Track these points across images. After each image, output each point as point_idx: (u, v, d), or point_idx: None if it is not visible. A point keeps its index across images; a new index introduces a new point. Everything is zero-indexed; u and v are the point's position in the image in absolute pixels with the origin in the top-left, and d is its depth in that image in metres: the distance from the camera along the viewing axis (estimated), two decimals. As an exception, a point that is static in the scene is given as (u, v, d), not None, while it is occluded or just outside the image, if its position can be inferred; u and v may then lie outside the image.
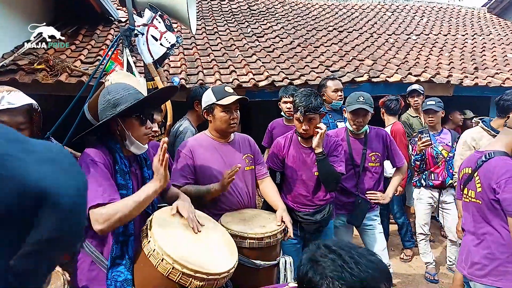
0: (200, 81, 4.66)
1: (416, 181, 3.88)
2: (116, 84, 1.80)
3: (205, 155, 2.26)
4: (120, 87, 1.73)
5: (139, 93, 1.74)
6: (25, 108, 1.44)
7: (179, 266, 1.42)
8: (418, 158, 3.70)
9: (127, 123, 1.69)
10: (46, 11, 6.10)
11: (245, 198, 2.31)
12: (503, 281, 2.00)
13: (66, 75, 4.35)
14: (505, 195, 1.92)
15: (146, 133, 1.74)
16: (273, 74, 5.15)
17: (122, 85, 1.76)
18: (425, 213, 3.84)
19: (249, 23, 7.86)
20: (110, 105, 1.68)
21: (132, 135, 1.70)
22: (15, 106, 1.39)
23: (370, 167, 2.93)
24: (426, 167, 3.74)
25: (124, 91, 1.70)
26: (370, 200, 2.90)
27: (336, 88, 3.57)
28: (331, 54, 6.31)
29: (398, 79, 5.21)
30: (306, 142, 2.60)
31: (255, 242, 1.98)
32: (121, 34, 2.77)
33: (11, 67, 4.31)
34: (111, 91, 1.71)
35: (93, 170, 1.58)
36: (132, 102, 1.65)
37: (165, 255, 1.44)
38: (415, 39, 7.81)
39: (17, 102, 1.40)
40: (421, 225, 3.87)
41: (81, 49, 5.36)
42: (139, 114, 1.70)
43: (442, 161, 3.67)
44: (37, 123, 1.53)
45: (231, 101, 2.17)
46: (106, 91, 1.74)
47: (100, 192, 1.52)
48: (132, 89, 1.74)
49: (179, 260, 1.42)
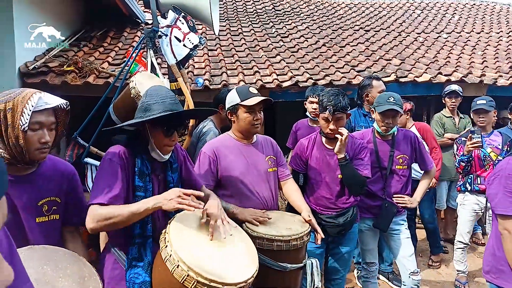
0: (224, 82, 4.66)
1: (460, 185, 3.63)
2: (158, 88, 1.75)
3: (228, 156, 2.24)
4: (159, 93, 1.70)
5: (174, 104, 1.69)
6: (54, 108, 1.48)
7: (194, 274, 1.38)
8: (464, 159, 3.43)
9: (153, 130, 1.68)
10: (76, 15, 6.29)
11: (268, 200, 2.27)
12: (499, 280, 2.01)
13: (94, 76, 4.47)
14: (490, 191, 2.00)
15: (167, 144, 1.71)
16: (297, 74, 5.10)
17: (162, 92, 1.72)
18: (469, 220, 3.58)
19: (273, 23, 7.83)
20: (142, 108, 1.68)
21: (154, 143, 1.70)
22: (51, 106, 1.44)
23: (397, 169, 2.82)
24: (471, 169, 3.50)
25: (159, 98, 1.67)
26: (397, 204, 2.79)
27: (381, 89, 3.43)
28: (357, 53, 6.19)
29: (427, 79, 5.03)
30: (330, 143, 2.53)
31: (282, 245, 1.94)
32: (145, 36, 2.80)
33: (42, 69, 4.46)
34: (149, 95, 1.70)
35: (107, 169, 1.59)
36: (161, 112, 1.62)
37: (180, 261, 1.41)
38: (446, 37, 7.54)
39: (53, 102, 1.44)
40: (464, 233, 3.61)
41: (109, 51, 5.48)
42: (164, 125, 1.67)
43: (489, 164, 3.43)
44: (62, 122, 1.55)
45: (255, 102, 2.15)
46: (147, 92, 1.74)
47: (104, 192, 1.53)
48: (169, 98, 1.69)
49: (194, 268, 1.39)
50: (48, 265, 1.40)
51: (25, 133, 1.38)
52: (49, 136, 1.46)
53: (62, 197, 1.61)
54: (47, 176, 1.57)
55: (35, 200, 1.52)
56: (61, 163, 1.70)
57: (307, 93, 3.72)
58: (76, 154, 3.00)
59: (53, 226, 1.59)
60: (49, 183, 1.57)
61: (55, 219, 1.59)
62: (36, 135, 1.42)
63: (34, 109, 1.38)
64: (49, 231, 1.56)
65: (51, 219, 1.57)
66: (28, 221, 1.49)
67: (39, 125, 1.42)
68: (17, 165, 1.46)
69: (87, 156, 2.87)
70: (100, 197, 1.51)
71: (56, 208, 1.59)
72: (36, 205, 1.52)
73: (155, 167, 1.75)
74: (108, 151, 1.68)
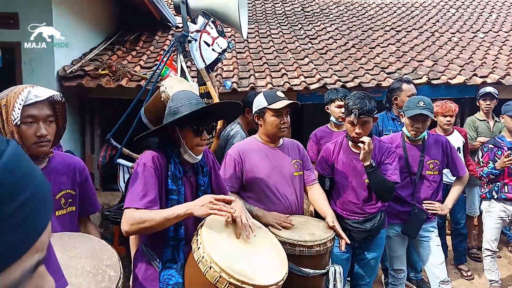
0: (252, 85, 4.70)
1: (486, 192, 3.51)
2: (183, 92, 1.82)
3: (254, 159, 2.26)
4: (184, 96, 1.75)
5: (199, 103, 1.74)
6: (49, 100, 1.47)
7: (226, 276, 1.41)
8: (496, 173, 3.32)
9: (183, 132, 1.73)
10: (111, 20, 6.54)
11: (293, 204, 2.28)
12: None
13: (126, 79, 4.63)
14: None
15: (199, 144, 1.75)
16: (325, 76, 5.06)
17: (187, 94, 1.77)
18: (495, 227, 3.48)
19: (302, 24, 7.80)
20: (171, 112, 1.73)
21: (186, 144, 1.74)
22: (42, 98, 1.42)
23: (427, 175, 2.75)
24: (499, 178, 3.39)
25: (185, 101, 1.72)
26: (427, 210, 2.72)
27: (412, 93, 3.31)
28: (387, 55, 6.07)
29: (461, 81, 4.86)
30: (357, 147, 2.51)
31: (304, 250, 1.94)
32: (175, 40, 2.88)
33: (78, 72, 4.67)
34: (175, 99, 1.76)
35: (141, 173, 1.65)
36: (188, 112, 1.68)
37: (213, 263, 1.44)
38: (482, 37, 7.25)
39: (43, 94, 1.42)
40: (490, 240, 3.51)
41: (141, 54, 5.66)
42: (193, 125, 1.71)
43: None
44: (61, 115, 1.55)
45: (282, 106, 2.16)
46: (172, 97, 1.80)
47: (140, 197, 1.58)
48: (194, 99, 1.74)
49: (226, 270, 1.42)
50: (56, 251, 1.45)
51: (19, 127, 1.39)
52: (45, 130, 1.44)
53: (76, 189, 1.67)
54: (60, 170, 1.61)
55: (53, 194, 1.55)
56: (70, 157, 1.75)
57: (331, 96, 3.39)
58: (109, 155, 3.13)
59: (71, 218, 1.65)
60: (62, 177, 1.61)
61: (72, 211, 1.65)
62: (31, 129, 1.42)
63: (24, 103, 1.37)
64: (68, 223, 1.62)
65: (68, 211, 1.63)
66: None
67: (32, 118, 1.42)
68: None
69: (119, 157, 2.99)
70: (137, 202, 1.57)
71: (72, 200, 1.65)
72: (54, 199, 1.56)
73: (186, 170, 1.80)
74: (141, 155, 1.74)
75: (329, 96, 3.36)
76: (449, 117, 3.57)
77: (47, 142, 1.48)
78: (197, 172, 1.85)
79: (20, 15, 4.30)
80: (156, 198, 1.63)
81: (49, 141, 1.48)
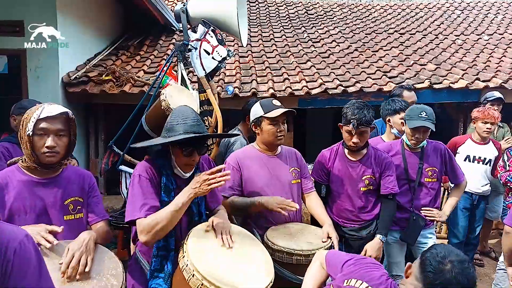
0: (253, 90, 4.73)
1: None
2: (182, 109, 1.84)
3: (252, 167, 2.30)
4: (181, 114, 1.78)
5: (195, 125, 1.76)
6: (63, 117, 1.66)
7: (207, 283, 1.45)
8: None
9: (174, 150, 1.79)
10: (115, 25, 6.62)
11: (291, 212, 2.30)
12: None
13: (130, 85, 4.69)
14: None
15: (187, 163, 1.80)
16: (327, 81, 5.08)
17: (185, 113, 1.80)
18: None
19: (305, 27, 7.81)
20: (167, 128, 1.78)
21: (175, 162, 1.81)
22: (53, 114, 1.61)
23: (426, 182, 2.77)
24: None
25: (181, 119, 1.76)
26: (426, 217, 2.74)
27: (412, 100, 3.30)
28: (390, 58, 6.07)
29: (464, 85, 4.85)
30: (353, 155, 2.53)
31: (301, 259, 1.97)
32: (176, 49, 2.92)
33: (83, 78, 4.74)
34: (173, 115, 1.81)
35: (138, 184, 1.71)
36: (181, 133, 1.71)
37: (195, 270, 1.48)
38: (487, 39, 7.20)
39: (55, 111, 1.62)
40: None
41: (145, 59, 5.72)
42: (183, 146, 1.74)
43: None
44: (73, 131, 1.73)
45: (278, 114, 2.20)
46: (172, 112, 1.86)
47: (139, 206, 1.65)
48: (189, 119, 1.76)
49: (207, 277, 1.45)
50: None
51: (32, 138, 1.58)
52: (54, 142, 1.61)
53: (84, 197, 1.78)
54: (70, 179, 1.75)
55: (61, 199, 1.69)
56: (80, 169, 1.90)
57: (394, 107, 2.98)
58: (111, 162, 3.18)
59: (79, 224, 1.74)
60: (72, 185, 1.74)
61: (80, 218, 1.75)
62: (42, 140, 1.60)
63: (38, 117, 1.57)
64: (76, 229, 1.70)
65: (77, 217, 1.74)
66: (57, 219, 1.65)
67: (43, 131, 1.60)
68: (38, 169, 1.65)
69: (121, 164, 3.04)
70: (138, 213, 1.64)
71: (80, 207, 1.75)
72: (63, 204, 1.69)
73: (179, 183, 1.83)
74: (136, 167, 1.80)
75: (392, 107, 3.00)
76: (489, 124, 3.44)
77: (55, 153, 1.64)
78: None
79: (25, 22, 4.37)
80: (157, 205, 1.69)
81: (57, 153, 1.64)
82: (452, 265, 1.29)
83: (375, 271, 1.49)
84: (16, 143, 2.67)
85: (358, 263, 1.54)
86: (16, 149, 2.70)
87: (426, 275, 1.31)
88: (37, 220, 1.59)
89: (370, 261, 1.56)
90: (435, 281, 1.29)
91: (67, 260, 1.45)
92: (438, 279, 1.28)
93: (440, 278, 1.28)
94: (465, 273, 1.27)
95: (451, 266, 1.28)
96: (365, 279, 1.44)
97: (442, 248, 1.37)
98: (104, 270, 1.52)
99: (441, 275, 1.28)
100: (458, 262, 1.29)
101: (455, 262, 1.29)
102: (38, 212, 1.62)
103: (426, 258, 1.35)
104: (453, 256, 1.31)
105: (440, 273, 1.29)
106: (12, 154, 2.67)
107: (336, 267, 1.60)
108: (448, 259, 1.30)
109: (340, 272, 1.55)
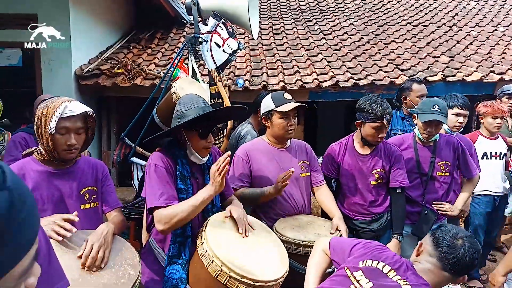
0: (264, 83, 4.72)
1: None
2: (189, 96, 1.89)
3: (261, 160, 2.31)
4: (190, 100, 1.84)
5: (205, 107, 1.82)
6: (83, 114, 1.67)
7: (227, 269, 1.49)
8: None
9: (189, 135, 1.81)
10: (127, 18, 6.65)
11: (299, 204, 2.32)
12: None
13: (141, 78, 4.72)
14: None
15: (205, 146, 1.83)
16: (338, 74, 5.03)
17: (194, 98, 1.85)
18: None
19: (316, 20, 7.74)
20: (177, 116, 1.81)
21: (192, 147, 1.82)
22: (76, 113, 1.62)
23: (438, 176, 2.74)
24: None
25: (191, 104, 1.80)
26: (437, 211, 2.72)
27: (421, 93, 3.26)
28: (402, 51, 5.98)
29: (478, 78, 4.75)
30: (363, 149, 2.52)
31: (309, 250, 1.97)
32: (187, 42, 2.93)
33: (95, 72, 4.79)
34: (181, 103, 1.84)
35: (154, 174, 1.74)
36: (194, 116, 1.74)
37: (215, 257, 1.52)
38: (502, 31, 7.04)
39: (77, 110, 1.63)
40: None
41: (156, 52, 5.74)
42: (198, 128, 1.78)
43: None
44: (91, 127, 1.76)
45: (289, 108, 2.20)
46: (179, 102, 1.88)
47: (158, 195, 1.68)
48: (200, 103, 1.82)
49: (227, 263, 1.49)
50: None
51: (53, 136, 1.59)
52: (75, 140, 1.64)
53: (98, 186, 1.82)
54: (84, 169, 1.79)
55: (77, 189, 1.73)
56: (94, 160, 1.93)
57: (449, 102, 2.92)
58: (123, 154, 3.23)
59: (95, 213, 1.78)
60: (87, 175, 1.78)
61: (96, 207, 1.79)
62: (63, 138, 1.62)
63: (60, 115, 1.58)
64: (92, 217, 1.75)
65: (93, 206, 1.78)
66: (74, 208, 1.68)
67: (65, 130, 1.62)
68: (55, 162, 1.68)
69: (133, 156, 3.08)
70: (157, 201, 1.67)
71: (95, 196, 1.79)
72: (79, 194, 1.73)
73: (193, 170, 1.88)
74: (151, 156, 1.83)
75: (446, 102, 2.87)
76: (499, 119, 3.38)
77: (75, 150, 1.68)
78: (204, 172, 1.92)
79: (39, 15, 4.42)
80: (174, 194, 1.73)
81: (77, 149, 1.69)
82: (463, 240, 1.47)
83: (386, 252, 1.59)
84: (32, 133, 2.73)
85: (367, 246, 1.62)
86: (32, 140, 2.76)
87: (441, 249, 1.48)
88: (55, 210, 1.62)
89: (377, 244, 1.65)
90: (451, 255, 1.45)
91: (87, 252, 1.47)
92: (454, 252, 1.45)
93: (455, 252, 1.45)
94: (474, 246, 1.47)
95: (462, 241, 1.47)
96: (381, 259, 1.53)
97: (451, 226, 1.56)
98: (122, 260, 1.56)
99: (455, 249, 1.46)
100: (467, 237, 1.49)
101: (465, 237, 1.48)
102: (55, 202, 1.65)
103: (438, 235, 1.52)
104: (463, 233, 1.51)
105: (454, 248, 1.46)
106: (28, 144, 2.73)
107: (344, 252, 1.64)
108: (459, 235, 1.49)
109: (349, 256, 1.60)
